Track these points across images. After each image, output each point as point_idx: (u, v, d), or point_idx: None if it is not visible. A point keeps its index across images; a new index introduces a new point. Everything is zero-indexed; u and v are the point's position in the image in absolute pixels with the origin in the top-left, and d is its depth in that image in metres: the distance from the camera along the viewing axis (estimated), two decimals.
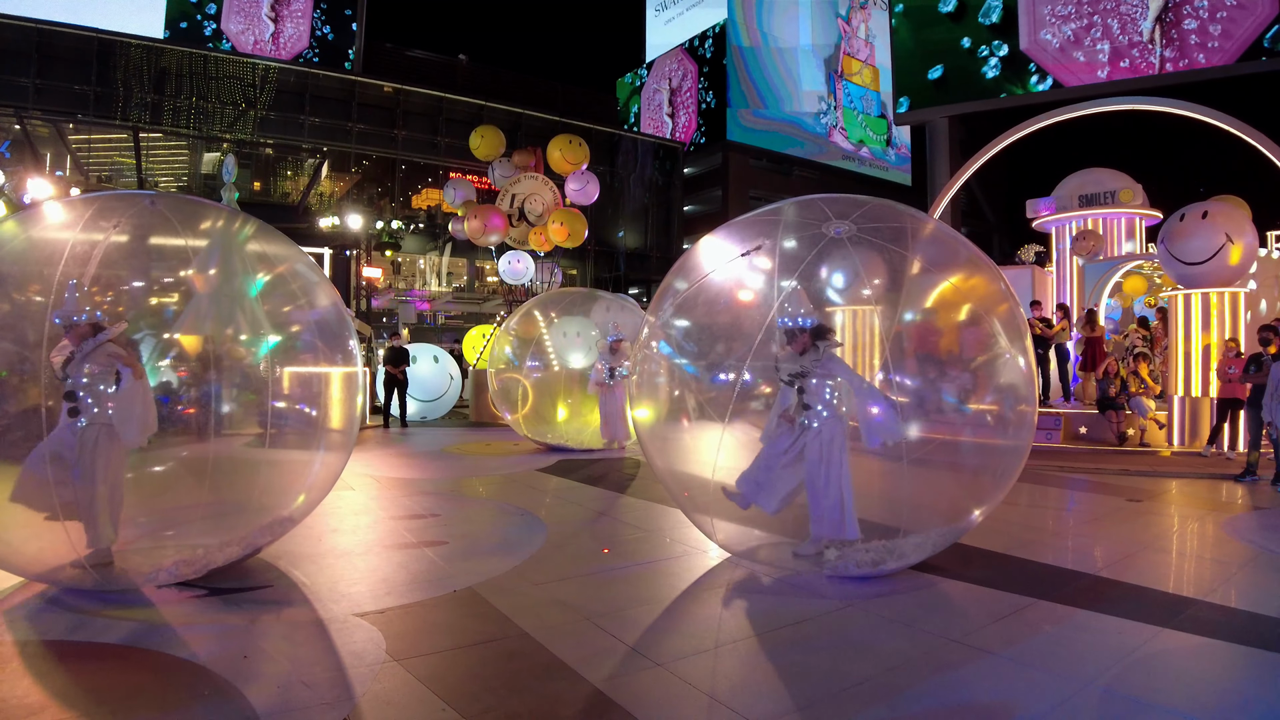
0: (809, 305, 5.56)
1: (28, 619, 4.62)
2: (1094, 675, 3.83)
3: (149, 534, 6.05)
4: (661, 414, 6.51)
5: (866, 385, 5.73)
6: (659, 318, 6.19)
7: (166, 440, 5.84)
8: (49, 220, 5.64)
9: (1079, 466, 10.93)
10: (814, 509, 5.63)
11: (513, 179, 17.43)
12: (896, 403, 5.48)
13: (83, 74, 29.76)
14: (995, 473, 5.77)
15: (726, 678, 3.89)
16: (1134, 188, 15.81)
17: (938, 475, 5.93)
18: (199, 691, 3.67)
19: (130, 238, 5.62)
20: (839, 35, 51.24)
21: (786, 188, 48.26)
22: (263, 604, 4.87)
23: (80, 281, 5.15)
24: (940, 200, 20.58)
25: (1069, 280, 16.11)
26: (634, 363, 6.92)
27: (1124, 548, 6.48)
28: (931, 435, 5.68)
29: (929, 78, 29.05)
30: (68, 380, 5.08)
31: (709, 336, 6.27)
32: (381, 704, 3.53)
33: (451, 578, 5.42)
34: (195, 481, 5.88)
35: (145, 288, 6.11)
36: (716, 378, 6.08)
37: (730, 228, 6.18)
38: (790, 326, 5.51)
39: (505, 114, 35.86)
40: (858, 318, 11.12)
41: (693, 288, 6.10)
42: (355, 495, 8.70)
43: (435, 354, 17.77)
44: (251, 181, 29.29)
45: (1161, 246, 12.47)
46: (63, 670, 3.92)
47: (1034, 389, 5.90)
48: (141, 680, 3.81)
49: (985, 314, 5.85)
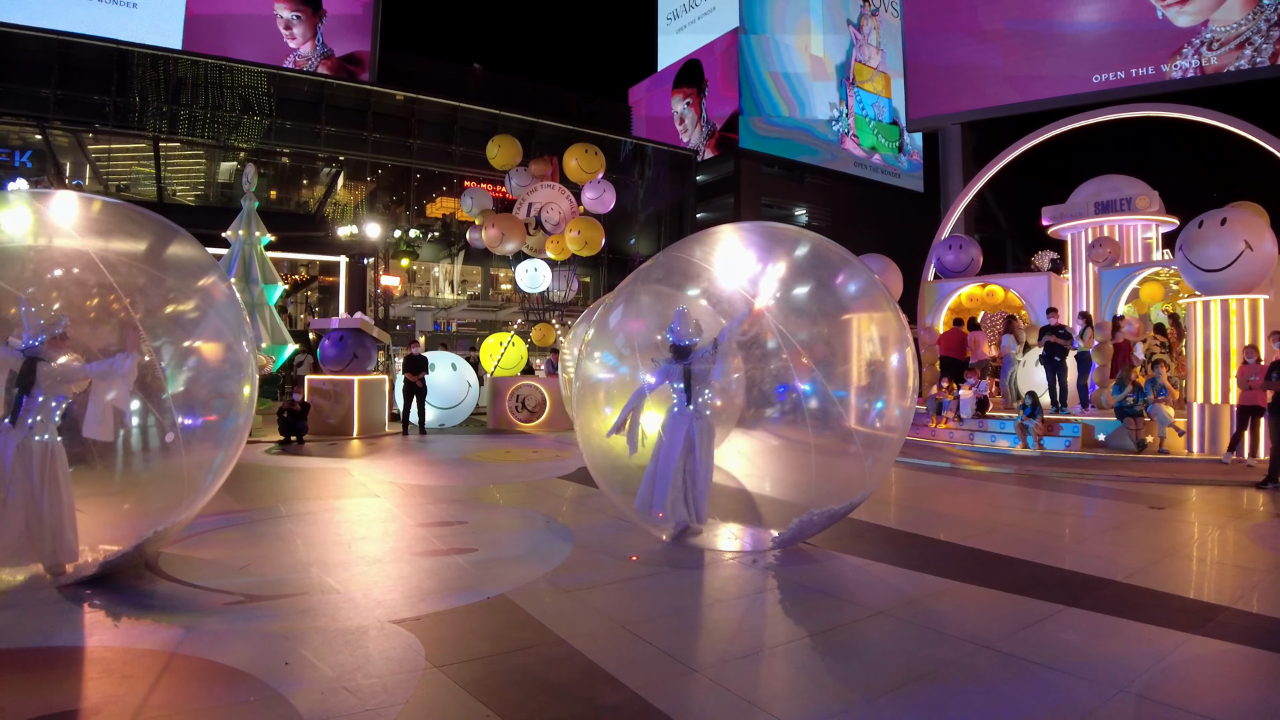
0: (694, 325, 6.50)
1: (70, 622, 4.71)
2: (1126, 682, 3.87)
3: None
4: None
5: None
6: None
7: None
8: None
9: (1098, 474, 10.94)
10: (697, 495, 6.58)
11: (529, 188, 17.55)
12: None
13: (102, 84, 30.17)
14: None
15: (765, 683, 3.95)
16: (1150, 194, 15.79)
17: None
18: (244, 697, 3.74)
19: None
20: (850, 42, 51.30)
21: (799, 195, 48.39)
22: (299, 611, 4.94)
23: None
24: (953, 211, 20.60)
25: (1085, 287, 16.09)
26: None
27: (1148, 555, 6.51)
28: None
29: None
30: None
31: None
32: (426, 710, 3.59)
33: (483, 584, 5.50)
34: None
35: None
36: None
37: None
38: (675, 342, 6.47)
39: (519, 123, 36.07)
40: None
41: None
42: (380, 502, 8.80)
43: (453, 361, 17.89)
44: (268, 190, 29.54)
45: (1180, 253, 12.46)
46: (108, 675, 4.00)
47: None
48: (187, 686, 3.89)
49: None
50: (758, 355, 6.71)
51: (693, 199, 43.63)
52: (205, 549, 6.60)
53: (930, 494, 9.90)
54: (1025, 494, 9.75)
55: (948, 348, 16.13)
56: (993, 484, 10.45)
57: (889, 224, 45.18)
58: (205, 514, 7.82)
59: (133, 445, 5.99)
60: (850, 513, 6.68)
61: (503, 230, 16.98)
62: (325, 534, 7.17)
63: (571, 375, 14.14)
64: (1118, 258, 15.45)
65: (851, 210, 47.76)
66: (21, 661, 4.18)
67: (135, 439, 5.98)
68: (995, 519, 8.25)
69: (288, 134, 33.18)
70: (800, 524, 6.40)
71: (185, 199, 28.41)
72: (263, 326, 17.52)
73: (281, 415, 14.15)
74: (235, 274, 17.59)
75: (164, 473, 5.95)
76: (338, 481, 10.25)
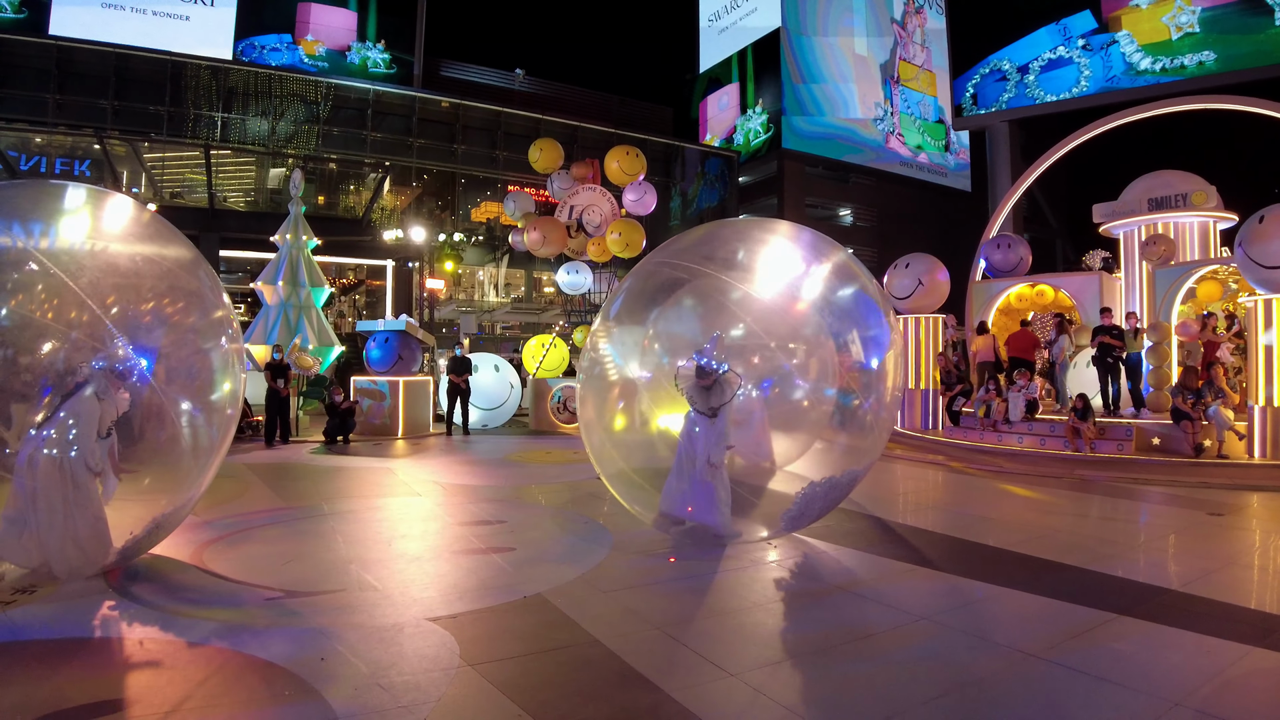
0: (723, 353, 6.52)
1: (114, 614, 4.80)
2: (1182, 695, 3.70)
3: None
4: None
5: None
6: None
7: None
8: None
9: (1153, 479, 10.59)
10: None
11: (571, 191, 17.60)
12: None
13: (156, 95, 31.02)
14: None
15: (802, 689, 3.87)
16: (1208, 190, 15.27)
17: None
18: (279, 691, 3.77)
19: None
20: (894, 40, 50.64)
21: (844, 195, 47.87)
22: (337, 608, 4.98)
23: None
24: (1001, 209, 20.17)
25: (1138, 287, 15.63)
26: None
27: (1206, 563, 6.26)
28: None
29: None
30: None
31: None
32: (457, 708, 3.58)
33: (520, 584, 5.49)
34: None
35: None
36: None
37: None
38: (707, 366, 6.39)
39: (562, 127, 36.24)
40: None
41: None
42: (422, 501, 8.86)
43: (496, 363, 18.01)
44: (316, 196, 30.07)
45: (1239, 250, 12.03)
46: (149, 666, 4.07)
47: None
48: (224, 679, 3.93)
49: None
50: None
51: (735, 200, 43.40)
52: (248, 545, 6.70)
53: (977, 498, 9.68)
54: (1076, 498, 9.46)
55: (1017, 348, 15.79)
56: (1042, 488, 10.18)
57: (936, 224, 44.45)
58: (250, 511, 7.99)
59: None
60: (853, 486, 6.78)
61: (544, 233, 17.04)
62: (366, 532, 7.24)
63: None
64: (1173, 256, 14.98)
65: (898, 210, 47.11)
66: (68, 651, 4.28)
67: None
68: (1044, 524, 8.02)
69: (335, 140, 33.76)
70: (804, 496, 6.47)
71: (236, 205, 29.02)
72: (309, 328, 17.83)
73: (330, 416, 14.35)
74: (283, 277, 17.94)
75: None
76: (381, 481, 10.36)
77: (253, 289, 18.85)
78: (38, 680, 3.90)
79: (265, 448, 13.49)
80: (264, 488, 9.53)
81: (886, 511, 8.50)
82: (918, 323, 16.71)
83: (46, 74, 29.68)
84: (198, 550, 6.33)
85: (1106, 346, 13.30)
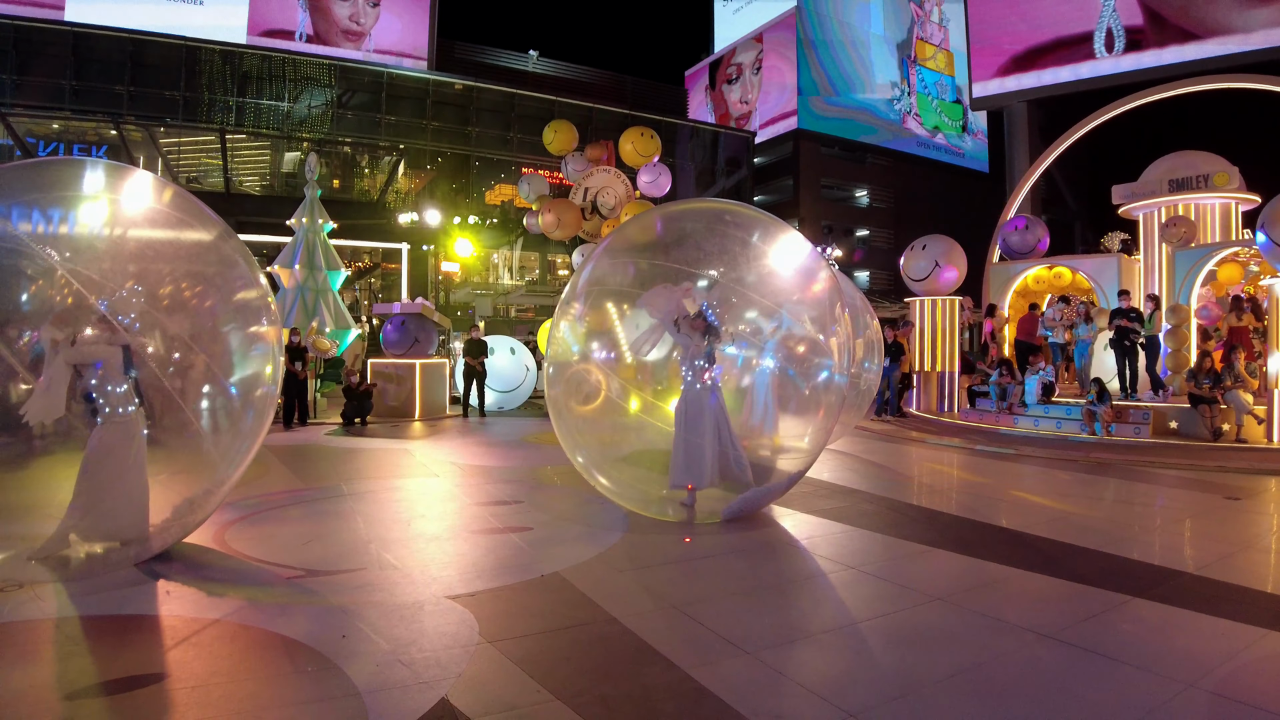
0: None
1: (142, 593, 4.89)
2: (1196, 678, 3.72)
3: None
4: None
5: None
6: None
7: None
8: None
9: (1171, 462, 10.54)
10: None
11: (585, 173, 17.56)
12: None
13: (172, 80, 31.16)
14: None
15: (817, 667, 3.91)
16: (1230, 170, 15.08)
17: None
18: (301, 666, 3.84)
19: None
20: (912, 19, 50.11)
21: (860, 176, 47.56)
22: (358, 586, 5.06)
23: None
24: (1019, 190, 20.01)
25: (1158, 269, 15.49)
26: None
27: (1223, 546, 6.25)
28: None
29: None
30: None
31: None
32: (477, 684, 3.64)
33: (538, 563, 5.55)
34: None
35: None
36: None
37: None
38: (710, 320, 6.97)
39: (575, 109, 36.15)
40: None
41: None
42: (440, 482, 8.94)
43: (512, 346, 18.06)
44: (331, 179, 30.16)
45: (1261, 232, 11.90)
46: (175, 643, 4.15)
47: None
48: (249, 655, 4.02)
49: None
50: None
51: (750, 181, 43.21)
52: (269, 525, 6.80)
53: (993, 481, 9.67)
54: (1091, 482, 9.44)
55: (1025, 332, 15.72)
56: (1057, 471, 10.16)
57: (953, 205, 44.14)
58: (270, 493, 8.08)
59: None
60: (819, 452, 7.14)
61: (559, 216, 17.02)
62: (385, 512, 7.32)
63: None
64: (1193, 238, 14.82)
65: (914, 191, 46.80)
66: (99, 628, 4.37)
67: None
68: (1059, 507, 8.02)
69: (349, 124, 33.83)
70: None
71: (251, 189, 29.19)
72: (326, 311, 17.95)
73: (349, 397, 14.46)
74: (300, 260, 18.05)
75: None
76: (399, 462, 10.45)
77: (269, 273, 18.99)
78: (69, 657, 4.00)
79: (284, 430, 13.62)
80: (283, 469, 9.64)
81: (901, 494, 8.53)
82: (934, 304, 16.63)
83: (63, 60, 29.84)
84: (220, 531, 6.43)
85: (1124, 330, 13.21)
